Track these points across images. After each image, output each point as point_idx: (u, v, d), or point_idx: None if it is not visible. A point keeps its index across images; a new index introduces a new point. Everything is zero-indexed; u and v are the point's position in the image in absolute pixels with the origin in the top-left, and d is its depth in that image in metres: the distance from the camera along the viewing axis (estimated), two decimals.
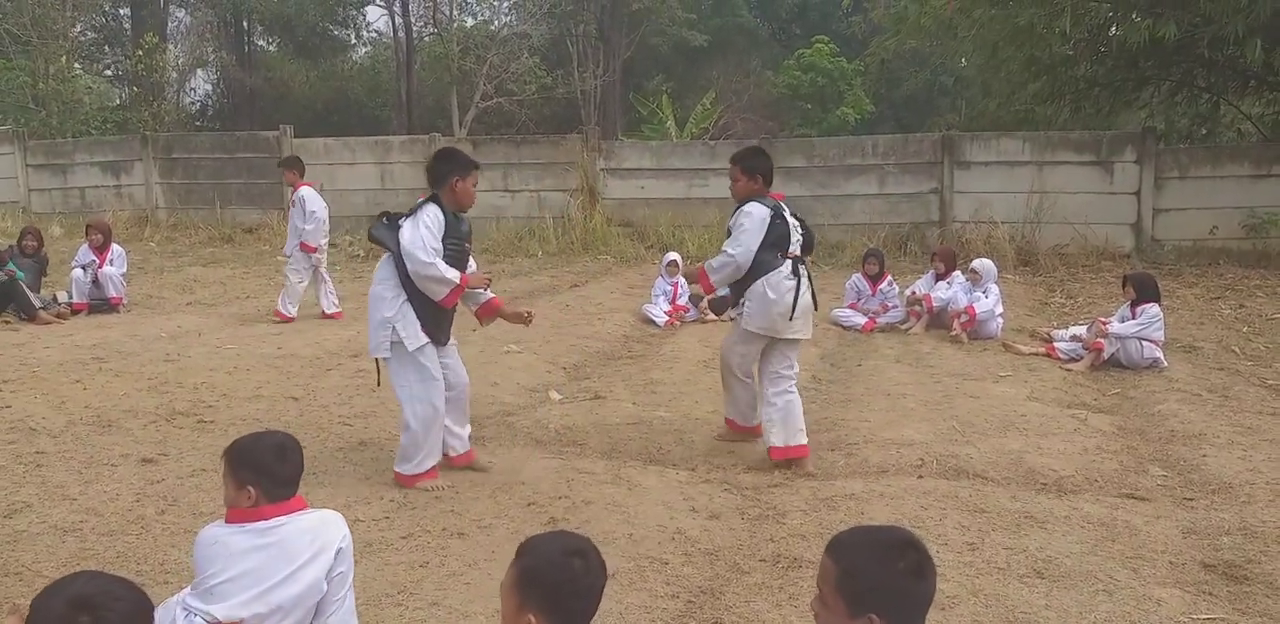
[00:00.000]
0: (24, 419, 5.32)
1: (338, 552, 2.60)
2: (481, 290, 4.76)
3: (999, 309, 8.12)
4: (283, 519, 2.56)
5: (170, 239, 14.49)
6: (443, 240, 4.38)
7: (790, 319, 4.84)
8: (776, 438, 4.86)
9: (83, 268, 8.96)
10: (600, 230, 13.75)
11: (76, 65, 21.82)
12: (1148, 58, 12.97)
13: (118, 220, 14.26)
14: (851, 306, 8.73)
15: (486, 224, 14.44)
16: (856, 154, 13.69)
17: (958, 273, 8.57)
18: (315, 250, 8.78)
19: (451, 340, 4.70)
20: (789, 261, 4.84)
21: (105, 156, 16.09)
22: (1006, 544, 3.90)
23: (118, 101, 23.59)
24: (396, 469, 4.54)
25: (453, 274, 4.38)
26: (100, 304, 8.98)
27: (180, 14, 28.13)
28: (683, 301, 9.04)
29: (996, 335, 8.01)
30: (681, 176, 14.16)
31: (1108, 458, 4.97)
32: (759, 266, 4.80)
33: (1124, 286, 7.36)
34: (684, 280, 9.20)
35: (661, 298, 9.01)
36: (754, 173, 4.92)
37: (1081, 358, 7.11)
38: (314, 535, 2.58)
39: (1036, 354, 7.41)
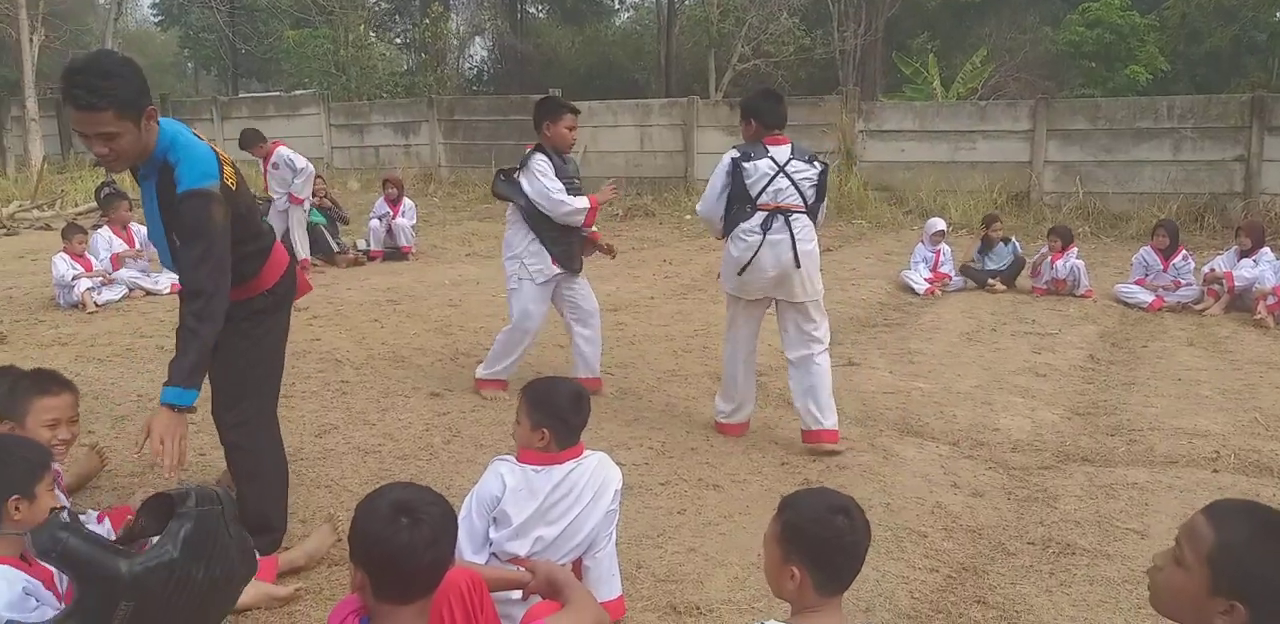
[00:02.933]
0: (331, 351, 5.96)
1: (615, 493, 2.74)
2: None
3: None
4: (572, 463, 2.72)
5: (451, 195, 15.62)
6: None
7: (747, 276, 4.36)
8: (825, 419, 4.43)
9: (379, 218, 9.87)
10: (857, 194, 13.42)
11: (371, 34, 23.78)
12: None
13: (406, 177, 15.53)
14: (1139, 282, 8.02)
15: None
16: (1149, 116, 12.47)
17: (1266, 250, 7.67)
18: (303, 202, 8.97)
19: (583, 273, 5.21)
20: (761, 215, 4.31)
21: (396, 118, 17.54)
22: None
23: (405, 67, 25.52)
24: (476, 373, 5.25)
25: (581, 202, 4.91)
26: (393, 252, 9.88)
27: None
28: (945, 269, 8.67)
29: None
30: (946, 139, 13.51)
31: None
32: (730, 220, 4.40)
33: None
34: (946, 247, 8.83)
35: (922, 264, 8.69)
36: (745, 116, 4.44)
37: None
38: (597, 476, 2.72)
39: None
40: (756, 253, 4.33)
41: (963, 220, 12.12)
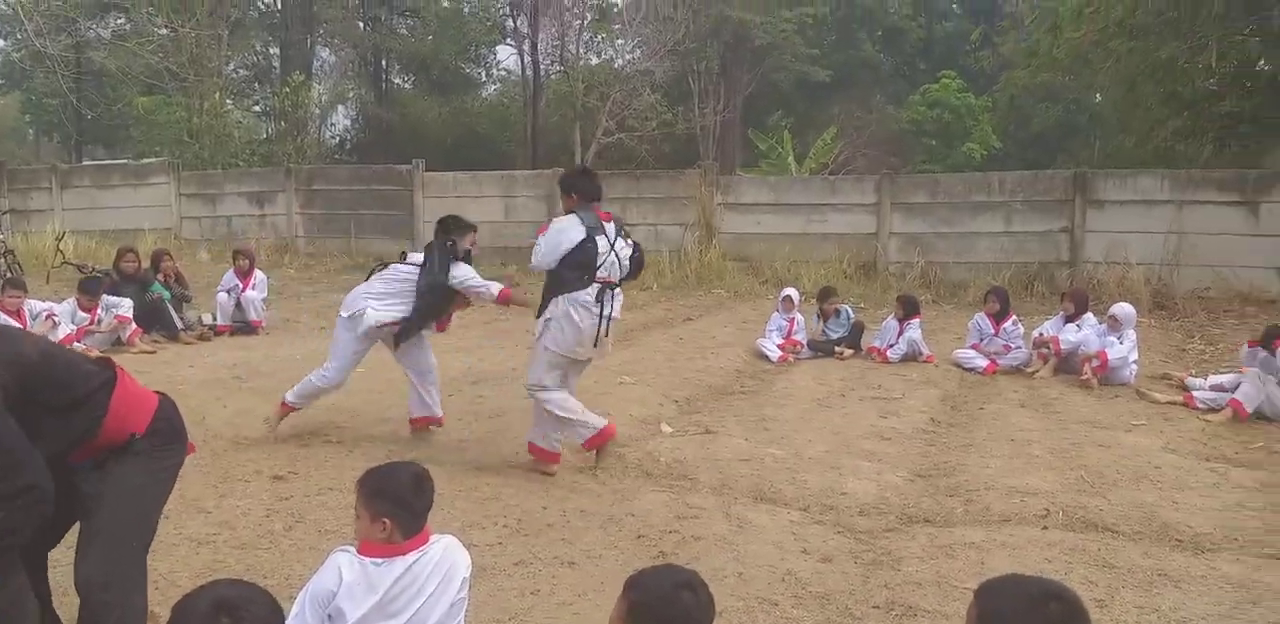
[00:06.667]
0: None
1: (463, 580, 2.65)
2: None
3: (1134, 355, 7.75)
4: (417, 553, 2.60)
5: (308, 266, 15.25)
6: None
7: (585, 342, 4.98)
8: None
9: (227, 291, 9.53)
10: (716, 264, 13.80)
11: (228, 101, 23.29)
12: None
13: (260, 247, 15.08)
14: (974, 347, 8.48)
15: None
16: (982, 191, 13.37)
17: (1089, 315, 8.23)
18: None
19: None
20: (595, 287, 4.90)
21: (251, 187, 17.12)
22: (1138, 603, 3.70)
23: (265, 135, 25.04)
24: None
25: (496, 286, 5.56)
26: (242, 326, 9.53)
27: (324, 53, 29.80)
28: (798, 337, 8.96)
29: (1130, 382, 7.64)
30: (799, 212, 14.10)
31: (1250, 515, 4.67)
32: (562, 284, 4.90)
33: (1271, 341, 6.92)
34: (800, 316, 9.14)
35: (776, 333, 8.95)
36: (568, 191, 5.10)
37: (1222, 408, 6.71)
38: (442, 565, 2.61)
39: (1173, 403, 7.03)
40: (597, 321, 4.90)
41: (815, 289, 12.59)
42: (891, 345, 8.60)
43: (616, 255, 4.96)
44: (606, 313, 4.93)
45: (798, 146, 22.32)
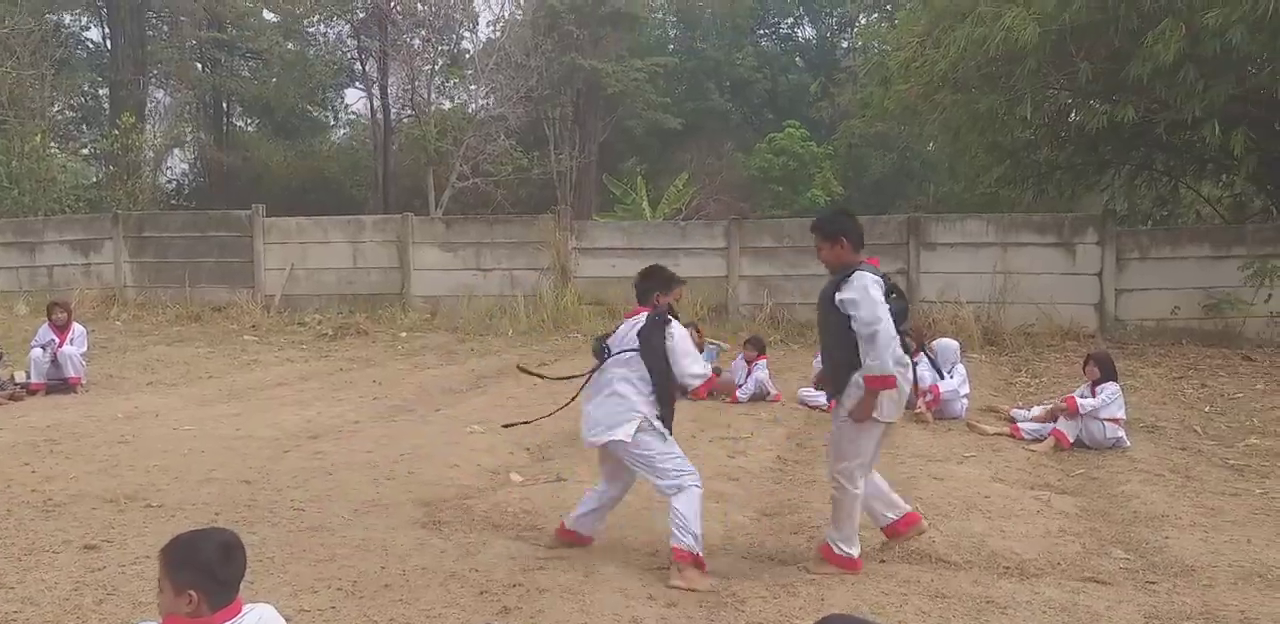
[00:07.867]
0: None
1: None
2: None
3: (964, 389, 8.14)
4: None
5: (137, 318, 14.40)
6: None
7: (903, 399, 4.43)
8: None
9: (42, 347, 8.85)
10: (571, 309, 13.82)
11: (53, 144, 21.99)
12: (1107, 142, 13.41)
13: (85, 299, 14.19)
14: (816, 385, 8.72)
15: (458, 302, 14.50)
16: None
17: (923, 352, 8.61)
18: None
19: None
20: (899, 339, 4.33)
21: (75, 235, 16.10)
22: None
23: (94, 180, 23.72)
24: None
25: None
26: (58, 384, 8.86)
27: (159, 95, 28.58)
28: None
29: (961, 415, 8.01)
30: (652, 256, 14.23)
31: (1070, 540, 4.92)
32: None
33: (1085, 366, 7.41)
34: None
35: None
36: (837, 237, 4.40)
37: (1045, 438, 7.10)
38: None
39: (1001, 434, 7.41)
40: (915, 376, 4.44)
41: None
42: (740, 385, 8.75)
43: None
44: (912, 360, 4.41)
45: (652, 192, 22.77)
